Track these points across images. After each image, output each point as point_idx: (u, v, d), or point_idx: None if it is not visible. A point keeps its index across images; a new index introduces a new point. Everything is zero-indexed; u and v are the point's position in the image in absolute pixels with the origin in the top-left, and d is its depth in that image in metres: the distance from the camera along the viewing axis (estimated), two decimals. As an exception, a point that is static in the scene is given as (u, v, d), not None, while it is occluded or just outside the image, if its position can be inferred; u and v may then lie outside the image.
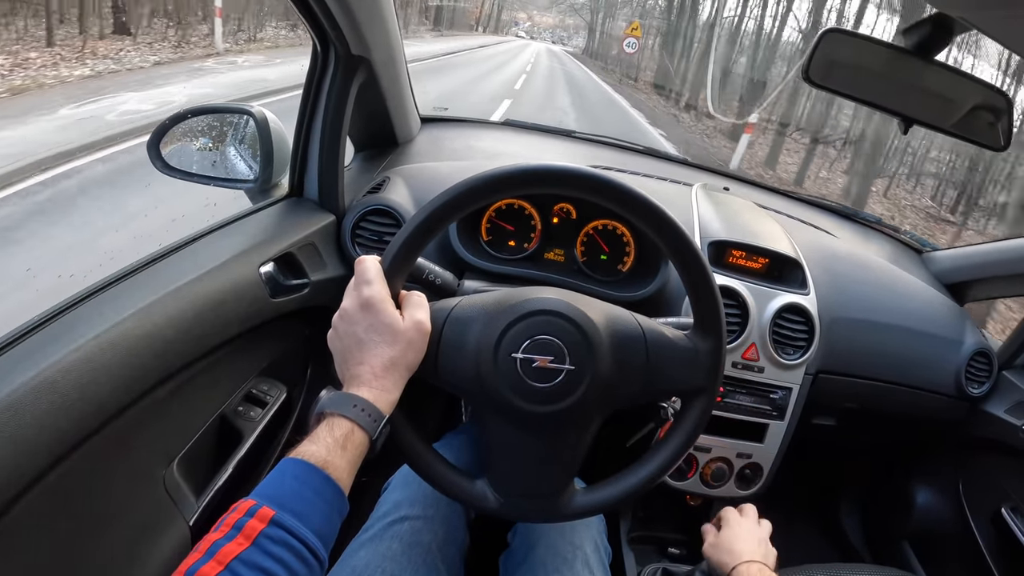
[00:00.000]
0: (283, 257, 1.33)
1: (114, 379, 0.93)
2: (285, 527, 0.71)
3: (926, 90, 1.14)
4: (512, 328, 0.96)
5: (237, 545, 0.68)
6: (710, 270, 1.02)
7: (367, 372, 0.89)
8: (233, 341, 1.20)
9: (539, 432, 0.99)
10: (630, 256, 1.60)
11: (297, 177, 1.49)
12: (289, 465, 0.78)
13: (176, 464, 1.18)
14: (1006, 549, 1.80)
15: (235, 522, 0.70)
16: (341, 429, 0.83)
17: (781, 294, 1.58)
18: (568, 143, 2.33)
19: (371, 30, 1.35)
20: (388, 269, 0.95)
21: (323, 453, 0.80)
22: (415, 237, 0.97)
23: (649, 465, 1.05)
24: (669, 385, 1.04)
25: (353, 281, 0.95)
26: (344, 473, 0.81)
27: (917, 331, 1.80)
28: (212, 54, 14.22)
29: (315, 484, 0.78)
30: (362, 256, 0.96)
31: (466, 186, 0.97)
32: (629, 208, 1.00)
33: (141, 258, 1.14)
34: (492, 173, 0.97)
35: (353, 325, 0.92)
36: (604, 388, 0.98)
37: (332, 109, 1.40)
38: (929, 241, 2.29)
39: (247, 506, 0.72)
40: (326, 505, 0.78)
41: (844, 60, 1.17)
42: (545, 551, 1.22)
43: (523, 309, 0.96)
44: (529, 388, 0.95)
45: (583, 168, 0.99)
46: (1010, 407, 1.82)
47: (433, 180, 1.59)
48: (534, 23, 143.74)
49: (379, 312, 0.91)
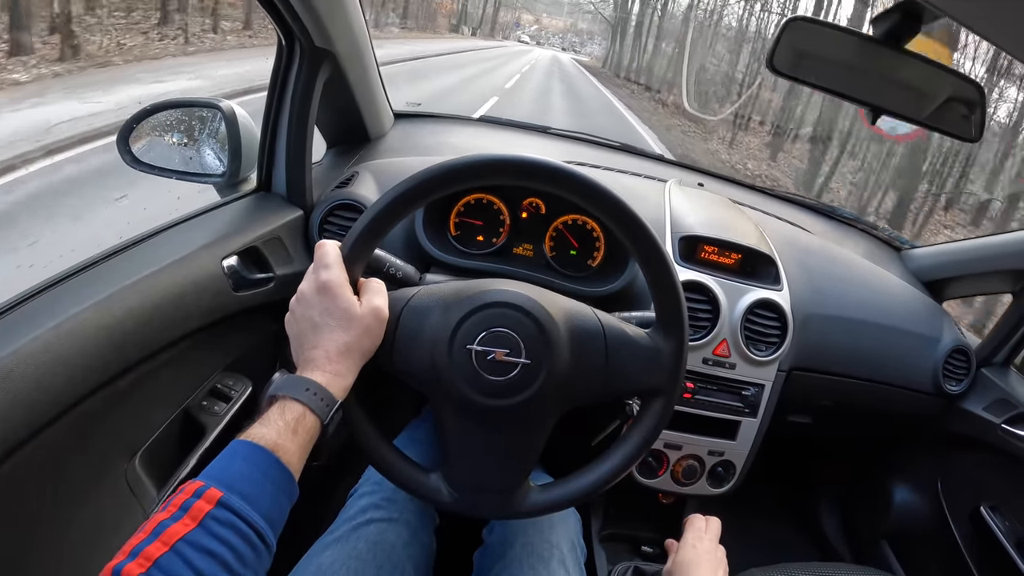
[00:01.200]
0: (247, 251, 1.32)
1: (71, 369, 0.92)
2: (232, 509, 0.70)
3: (898, 81, 1.12)
4: (468, 319, 0.95)
5: (183, 526, 0.67)
6: (673, 266, 1.01)
7: (321, 356, 0.89)
8: (195, 334, 1.19)
9: (494, 426, 0.98)
10: (600, 251, 1.59)
11: (265, 172, 1.48)
12: (239, 447, 0.77)
13: (138, 458, 1.16)
14: (984, 547, 1.80)
15: (182, 503, 0.69)
16: (292, 412, 0.83)
17: (753, 290, 1.57)
18: (544, 139, 2.32)
19: (333, 22, 1.34)
20: (348, 255, 0.94)
21: (273, 436, 0.79)
22: (376, 223, 0.96)
23: (605, 464, 1.04)
24: (628, 384, 1.03)
25: (312, 265, 0.94)
26: (295, 457, 0.80)
27: (893, 328, 1.80)
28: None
29: (264, 467, 0.77)
30: (322, 240, 0.95)
31: (429, 174, 0.96)
32: (591, 200, 0.98)
33: (101, 251, 1.13)
34: (456, 162, 0.97)
35: (309, 308, 0.91)
36: (561, 384, 0.97)
37: (298, 103, 1.40)
38: (907, 238, 2.29)
39: (195, 487, 0.71)
40: (275, 488, 0.77)
41: (810, 49, 1.15)
42: (521, 549, 1.21)
43: (480, 300, 0.96)
44: (484, 381, 0.94)
45: (546, 159, 0.98)
46: (988, 404, 1.82)
47: (401, 174, 1.54)
48: (542, 25, 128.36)
49: (335, 296, 0.90)
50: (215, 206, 1.40)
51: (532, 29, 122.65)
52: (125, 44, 12.06)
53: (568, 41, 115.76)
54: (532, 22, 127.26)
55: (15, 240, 4.52)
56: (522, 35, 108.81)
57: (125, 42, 12.17)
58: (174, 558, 0.64)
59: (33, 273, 3.74)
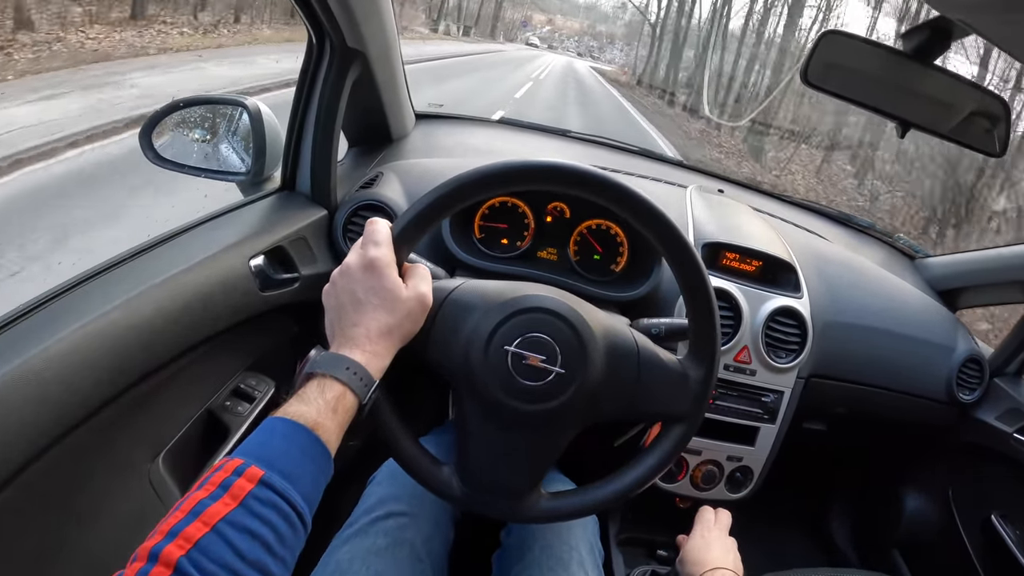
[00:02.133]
0: (273, 251, 1.31)
1: (99, 371, 0.92)
2: (275, 488, 0.69)
3: (924, 95, 1.13)
4: (509, 320, 0.95)
5: (224, 505, 0.65)
6: (715, 301, 1.01)
7: (361, 334, 0.87)
8: (221, 334, 1.19)
9: (516, 429, 0.98)
10: (623, 256, 1.59)
11: (289, 171, 1.47)
12: (279, 424, 0.76)
13: (162, 458, 1.16)
14: (996, 557, 1.80)
15: (221, 481, 0.68)
16: (333, 391, 0.81)
17: (774, 297, 1.58)
18: (563, 142, 2.32)
19: (368, 23, 1.34)
20: (398, 236, 0.93)
21: (313, 414, 0.78)
22: (431, 209, 0.95)
23: (617, 482, 1.04)
24: (654, 407, 1.03)
25: (360, 241, 0.92)
26: (333, 436, 0.79)
27: (909, 337, 1.80)
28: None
29: (305, 445, 0.76)
30: (374, 218, 0.94)
31: (496, 170, 0.95)
32: (657, 235, 1.00)
33: (129, 248, 1.13)
34: (525, 163, 0.97)
35: (353, 283, 0.89)
36: (590, 397, 0.97)
37: (326, 103, 1.39)
38: (922, 247, 2.29)
39: (234, 465, 0.69)
40: (314, 467, 0.76)
41: (842, 62, 1.16)
42: (541, 552, 1.20)
43: (523, 304, 0.96)
44: (515, 384, 0.94)
45: (620, 180, 0.98)
46: (1001, 414, 1.82)
47: (425, 176, 1.58)
48: (555, 26, 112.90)
49: (382, 276, 0.88)
50: (240, 205, 1.39)
51: (544, 30, 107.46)
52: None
53: (585, 45, 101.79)
54: (544, 22, 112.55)
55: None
56: (531, 37, 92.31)
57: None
58: (215, 539, 0.63)
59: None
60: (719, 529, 1.31)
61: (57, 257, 4.07)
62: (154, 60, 11.17)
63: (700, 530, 1.30)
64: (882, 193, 14.25)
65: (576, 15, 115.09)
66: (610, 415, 1.02)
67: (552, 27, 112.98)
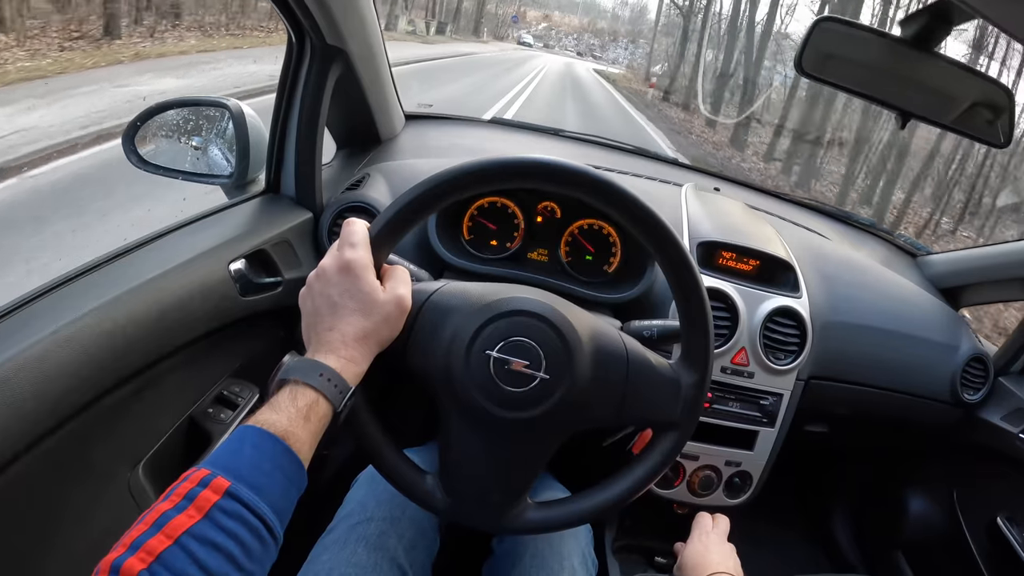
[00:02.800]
0: (255, 254, 1.29)
1: (71, 378, 0.90)
2: (241, 500, 0.67)
3: (925, 84, 1.11)
4: (491, 324, 0.92)
5: (188, 518, 0.64)
6: (708, 304, 0.99)
7: (337, 339, 0.85)
8: (201, 340, 1.17)
9: (499, 437, 0.95)
10: (616, 257, 1.56)
11: (274, 173, 1.46)
12: (248, 433, 0.74)
13: (142, 467, 1.14)
14: (1001, 559, 1.77)
15: (186, 492, 0.66)
16: (305, 399, 0.79)
17: (772, 297, 1.55)
18: (556, 142, 2.30)
19: (347, 20, 1.32)
20: (376, 237, 0.91)
21: (284, 423, 0.75)
22: (409, 209, 0.92)
23: (608, 491, 1.01)
24: (643, 414, 1.00)
25: (337, 242, 0.90)
26: (305, 445, 0.77)
27: (911, 336, 1.77)
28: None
29: (274, 455, 0.73)
30: (351, 219, 0.91)
31: (474, 167, 0.93)
32: (646, 233, 0.96)
33: (105, 253, 1.11)
34: (504, 160, 0.93)
35: (329, 287, 0.87)
36: (576, 404, 0.94)
37: (308, 102, 1.37)
38: (923, 244, 2.26)
39: (200, 475, 0.68)
40: (285, 479, 0.73)
41: (839, 51, 1.14)
42: (531, 561, 1.18)
43: (506, 307, 0.93)
44: (498, 390, 0.91)
45: (607, 176, 0.95)
46: (1006, 414, 1.79)
47: (413, 177, 1.53)
48: (552, 23, 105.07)
49: (359, 279, 0.86)
50: (222, 208, 1.37)
51: (540, 27, 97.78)
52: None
53: (585, 44, 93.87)
54: (540, 19, 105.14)
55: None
56: (524, 35, 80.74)
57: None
58: (178, 552, 0.61)
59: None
60: (717, 534, 1.29)
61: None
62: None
63: (698, 535, 1.29)
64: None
65: (574, 11, 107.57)
66: (598, 421, 0.99)
67: (549, 23, 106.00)
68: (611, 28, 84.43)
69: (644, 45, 55.75)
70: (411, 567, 1.13)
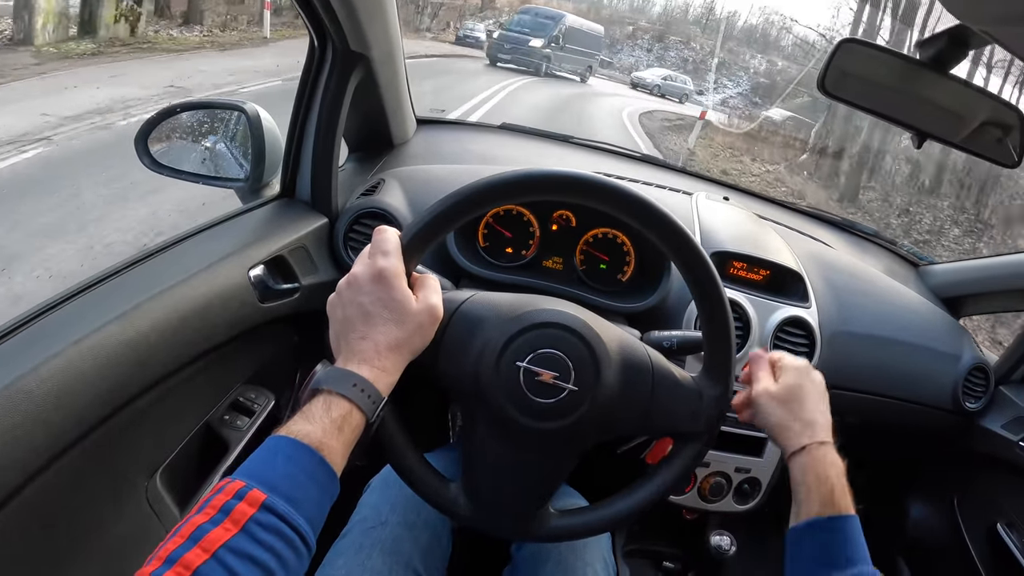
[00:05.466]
0: (273, 260, 1.29)
1: (94, 388, 0.90)
2: (277, 513, 0.67)
3: (938, 103, 1.11)
4: (522, 335, 0.92)
5: (224, 531, 0.63)
6: (731, 318, 1.00)
7: (370, 348, 0.84)
8: (219, 348, 1.16)
9: (526, 447, 0.96)
10: (630, 266, 1.57)
11: (289, 177, 1.45)
12: (282, 444, 0.73)
13: (159, 475, 1.14)
14: (1001, 565, 1.79)
15: (222, 505, 0.66)
16: (339, 410, 0.78)
17: (782, 307, 1.56)
18: (565, 149, 2.29)
19: (372, 26, 1.31)
20: (407, 245, 0.90)
21: (319, 434, 0.75)
22: (443, 218, 0.92)
23: (630, 499, 1.02)
24: (667, 425, 1.01)
25: (368, 249, 0.89)
26: (339, 456, 0.76)
27: (916, 345, 1.79)
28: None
29: (309, 467, 0.73)
30: (382, 226, 0.91)
31: (511, 178, 0.93)
32: (673, 247, 0.98)
33: (125, 259, 1.10)
34: (540, 172, 0.94)
35: (361, 295, 0.86)
36: (603, 414, 0.94)
37: (328, 107, 1.36)
38: (926, 255, 2.28)
39: (235, 487, 0.67)
40: (319, 490, 0.73)
41: (859, 71, 1.15)
42: (555, 568, 1.18)
43: (536, 318, 0.93)
44: (527, 400, 0.91)
45: (636, 191, 0.96)
46: (1007, 422, 1.81)
47: (429, 183, 1.56)
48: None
49: (392, 287, 0.85)
50: (239, 212, 1.37)
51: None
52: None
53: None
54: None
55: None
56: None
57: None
58: (216, 566, 0.61)
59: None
60: (820, 380, 1.10)
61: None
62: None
63: (801, 371, 1.09)
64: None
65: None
66: (623, 432, 1.01)
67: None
68: (616, 16, 46.84)
69: (680, 47, 40.52)
70: (427, 573, 1.13)
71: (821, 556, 0.94)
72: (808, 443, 0.99)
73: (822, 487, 0.96)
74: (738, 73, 37.12)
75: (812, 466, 0.98)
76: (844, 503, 0.96)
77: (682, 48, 42.13)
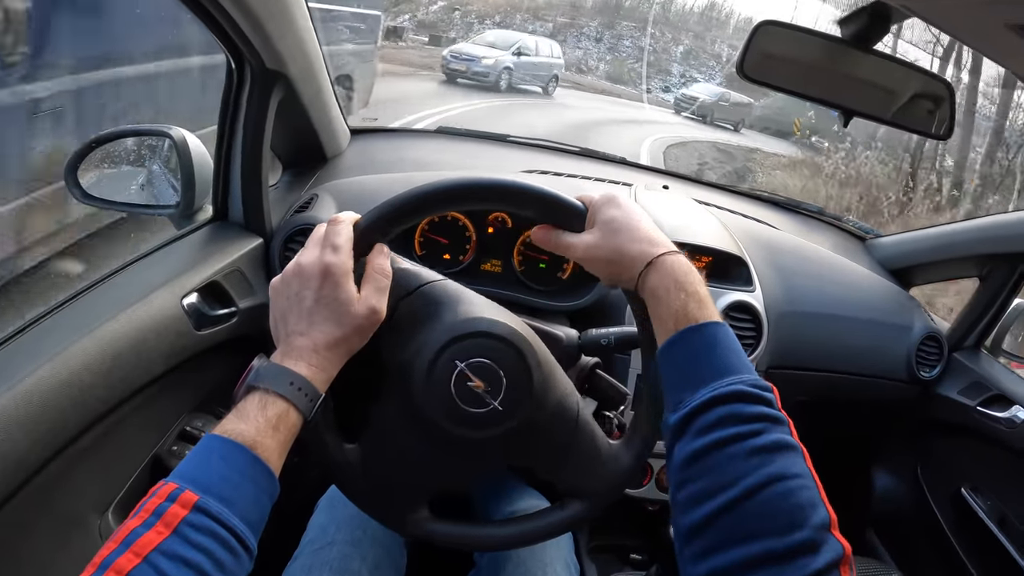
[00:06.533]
0: (207, 286, 1.27)
1: (31, 433, 0.88)
2: (210, 514, 0.66)
3: (865, 81, 1.12)
4: (471, 338, 0.90)
5: (156, 534, 0.62)
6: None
7: (308, 346, 0.82)
8: (159, 380, 1.15)
9: (432, 442, 0.94)
10: (570, 263, 1.57)
11: (220, 199, 1.43)
12: (215, 443, 0.72)
13: (112, 511, 1.13)
14: (968, 529, 1.82)
15: (155, 508, 0.65)
16: (275, 409, 0.76)
17: (726, 293, 1.57)
18: (504, 148, 2.29)
19: (284, 43, 1.30)
20: (364, 229, 0.88)
21: (252, 433, 0.73)
22: (399, 211, 0.89)
23: (497, 531, 1.01)
24: (569, 477, 0.98)
25: (320, 237, 0.87)
26: (274, 455, 0.75)
27: (864, 320, 1.81)
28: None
29: (243, 466, 0.71)
30: (337, 216, 0.88)
31: (472, 183, 0.91)
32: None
33: (57, 300, 1.09)
34: (483, 180, 0.92)
35: (305, 288, 0.84)
36: (518, 442, 0.93)
37: (251, 127, 1.35)
38: (872, 228, 2.30)
39: (168, 490, 0.66)
40: (255, 489, 0.72)
41: (780, 53, 1.14)
42: (514, 570, 1.18)
43: (489, 328, 0.91)
44: (450, 399, 0.89)
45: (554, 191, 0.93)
46: (962, 388, 1.84)
47: (362, 194, 1.55)
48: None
49: (336, 286, 0.83)
50: (171, 240, 1.35)
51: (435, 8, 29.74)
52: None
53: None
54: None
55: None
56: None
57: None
58: (147, 570, 0.60)
59: None
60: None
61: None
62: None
63: (617, 200, 0.96)
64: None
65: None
66: (530, 464, 0.98)
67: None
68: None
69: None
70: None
71: (681, 379, 0.79)
72: (650, 259, 0.87)
73: (672, 300, 0.83)
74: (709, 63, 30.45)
75: (661, 281, 0.85)
76: (706, 312, 0.82)
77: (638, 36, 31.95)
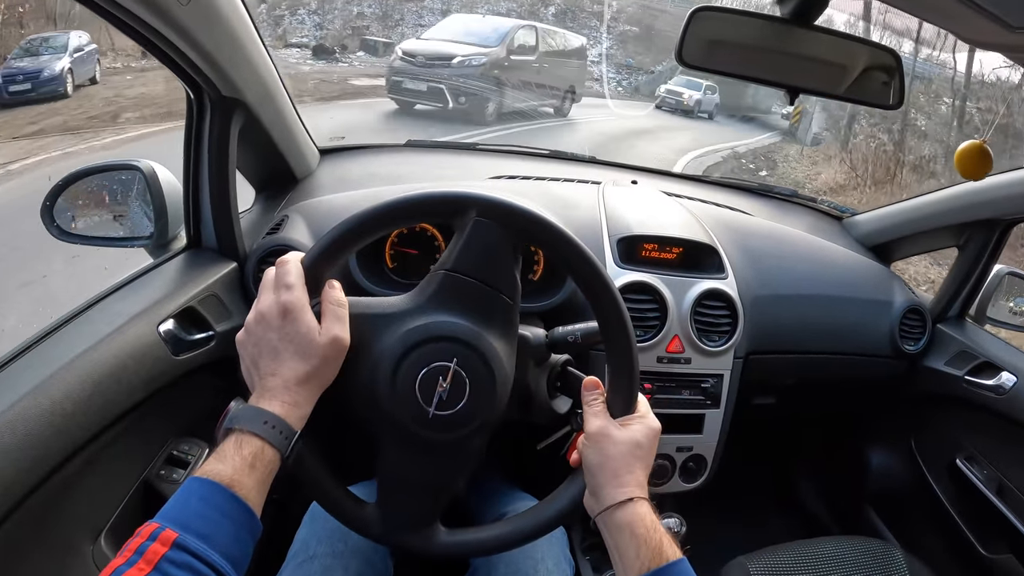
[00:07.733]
0: (183, 312, 1.29)
1: (16, 462, 0.90)
2: (189, 550, 0.69)
3: (811, 58, 1.12)
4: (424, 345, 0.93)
5: (138, 571, 0.65)
6: (612, 284, 1.02)
7: (279, 384, 0.85)
8: (140, 406, 1.17)
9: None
10: (539, 265, 1.59)
11: (193, 227, 1.45)
12: (195, 485, 0.75)
13: (104, 537, 1.15)
14: (966, 498, 1.83)
15: (137, 547, 0.68)
16: (250, 447, 0.79)
17: (698, 282, 1.58)
18: (472, 157, 2.30)
19: (238, 71, 1.31)
20: (311, 265, 0.91)
21: (229, 472, 0.76)
22: (346, 236, 0.93)
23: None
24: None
25: (272, 281, 0.90)
26: (253, 492, 0.78)
27: (844, 298, 1.82)
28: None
29: (220, 504, 0.74)
30: (283, 256, 0.91)
31: (404, 201, 0.95)
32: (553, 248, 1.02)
33: (36, 332, 1.11)
34: (422, 194, 0.97)
35: (268, 331, 0.87)
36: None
37: (215, 154, 1.37)
38: (847, 206, 2.30)
39: (150, 529, 0.69)
40: (234, 525, 0.75)
41: (720, 37, 1.14)
42: (506, 568, 1.19)
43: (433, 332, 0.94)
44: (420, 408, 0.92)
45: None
46: (949, 359, 1.85)
47: (331, 213, 1.57)
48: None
49: (297, 321, 0.87)
50: (147, 269, 1.37)
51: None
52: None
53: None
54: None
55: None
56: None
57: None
58: None
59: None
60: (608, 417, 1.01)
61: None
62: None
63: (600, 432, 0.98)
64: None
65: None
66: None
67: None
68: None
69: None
70: None
71: None
72: (624, 499, 0.91)
73: (649, 540, 0.87)
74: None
75: (633, 522, 0.89)
76: (672, 551, 0.87)
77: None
